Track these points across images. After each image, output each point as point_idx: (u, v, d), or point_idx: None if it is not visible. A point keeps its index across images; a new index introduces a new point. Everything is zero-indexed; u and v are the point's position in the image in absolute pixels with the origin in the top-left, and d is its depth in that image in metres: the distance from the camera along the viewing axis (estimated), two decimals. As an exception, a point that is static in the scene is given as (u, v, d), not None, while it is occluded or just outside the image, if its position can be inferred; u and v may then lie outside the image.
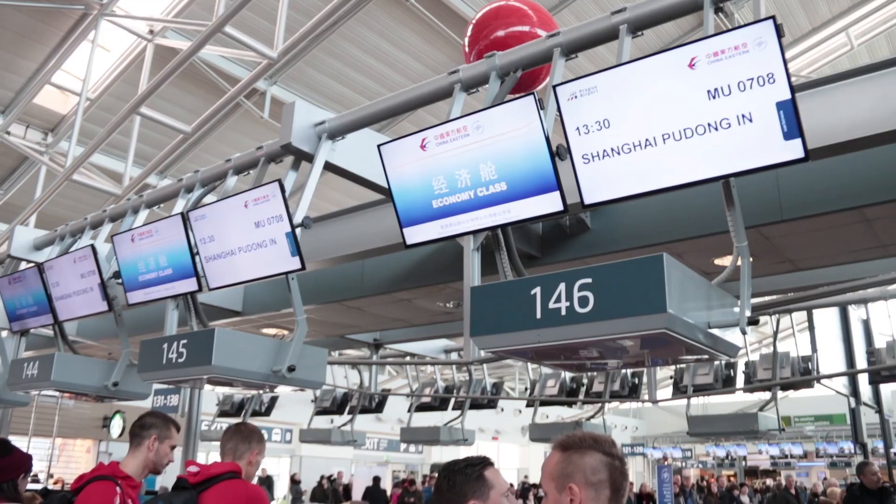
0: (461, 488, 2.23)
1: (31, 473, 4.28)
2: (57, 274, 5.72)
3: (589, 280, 2.57)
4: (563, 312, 2.57)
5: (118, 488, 3.38)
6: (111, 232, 5.55)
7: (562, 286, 2.60)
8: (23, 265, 6.64)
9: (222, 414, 14.20)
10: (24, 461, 4.56)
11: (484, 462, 2.30)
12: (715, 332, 2.78)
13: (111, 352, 9.09)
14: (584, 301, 2.55)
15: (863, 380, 12.81)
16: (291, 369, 3.93)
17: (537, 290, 2.65)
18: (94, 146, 9.12)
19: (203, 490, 3.15)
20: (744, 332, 2.87)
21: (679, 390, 9.19)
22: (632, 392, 9.44)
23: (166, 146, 9.47)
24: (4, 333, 6.78)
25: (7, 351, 6.63)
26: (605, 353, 3.15)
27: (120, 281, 5.09)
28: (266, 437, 3.52)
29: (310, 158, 4.09)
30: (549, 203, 2.98)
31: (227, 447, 3.42)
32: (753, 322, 2.86)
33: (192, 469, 3.24)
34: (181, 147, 9.90)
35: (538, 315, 2.62)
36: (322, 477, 19.73)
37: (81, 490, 3.40)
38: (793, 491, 16.06)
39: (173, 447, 3.63)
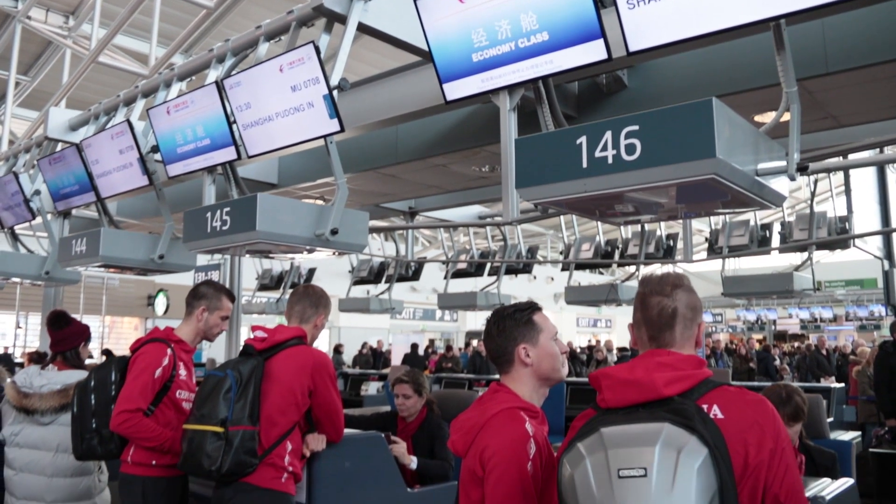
0: (511, 332, 2.28)
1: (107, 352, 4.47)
2: (96, 152, 5.77)
3: (636, 127, 2.54)
4: (610, 161, 2.55)
5: (170, 350, 3.49)
6: (145, 107, 5.54)
7: (608, 134, 2.57)
8: (59, 147, 6.69)
9: (262, 288, 14.56)
10: (83, 331, 4.75)
11: (532, 307, 2.34)
12: (762, 179, 2.75)
13: (152, 230, 9.26)
14: (631, 149, 2.52)
15: (898, 243, 12.78)
16: (334, 232, 3.97)
17: (583, 140, 2.62)
18: (117, 27, 8.98)
19: (269, 356, 3.25)
20: (792, 179, 2.84)
21: (714, 251, 9.20)
22: (667, 254, 9.46)
23: (189, 24, 9.30)
24: (50, 216, 6.92)
25: (54, 232, 6.80)
26: (646, 206, 3.15)
27: (159, 158, 5.11)
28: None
29: (343, 20, 4.00)
30: (593, 52, 2.91)
31: (294, 310, 3.45)
32: (802, 168, 2.82)
33: (259, 335, 3.30)
34: (204, 23, 9.73)
35: (584, 164, 2.60)
36: (363, 345, 20.33)
37: (137, 350, 3.53)
38: (824, 351, 16.25)
39: (225, 318, 3.70)
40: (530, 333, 2.28)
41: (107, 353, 3.89)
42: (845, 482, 2.60)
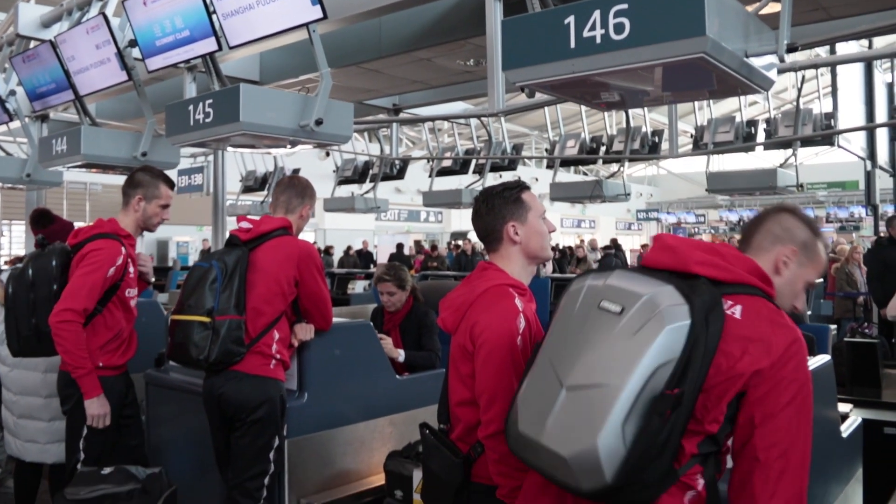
0: (500, 211, 2.29)
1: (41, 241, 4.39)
2: (71, 48, 5.61)
3: (625, 6, 2.49)
4: (598, 40, 2.52)
5: (123, 248, 3.43)
6: (120, 1, 5.37)
7: (596, 14, 2.52)
8: (32, 45, 6.50)
9: (247, 190, 14.48)
10: (67, 228, 4.75)
11: (521, 185, 2.35)
12: (751, 61, 2.73)
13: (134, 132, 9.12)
14: (619, 28, 2.49)
15: (881, 143, 12.79)
16: (319, 122, 3.93)
17: (571, 19, 2.57)
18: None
19: (254, 247, 3.24)
20: (781, 60, 2.82)
21: (699, 147, 9.19)
22: (652, 150, 9.45)
23: None
24: (27, 120, 6.79)
25: (32, 134, 6.69)
26: (633, 94, 3.13)
27: (138, 54, 4.98)
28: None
29: None
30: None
31: (279, 200, 3.43)
32: (792, 49, 2.80)
33: (244, 226, 3.29)
34: None
35: (572, 45, 2.57)
36: (349, 247, 20.43)
37: (83, 245, 3.42)
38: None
39: (165, 206, 3.59)
40: (519, 211, 2.29)
41: (42, 242, 3.69)
42: (822, 358, 2.68)
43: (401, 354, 4.26)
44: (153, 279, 3.60)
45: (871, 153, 12.28)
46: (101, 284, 3.31)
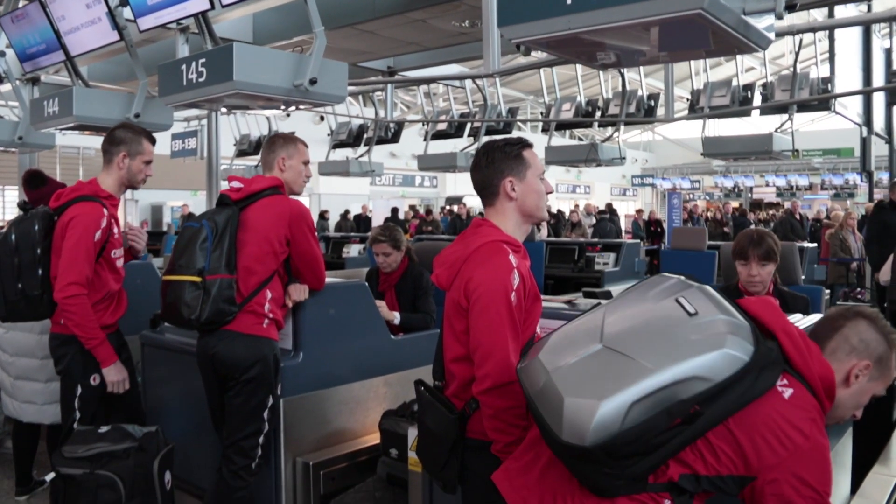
0: (499, 165, 2.28)
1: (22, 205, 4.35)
2: (61, 7, 5.55)
3: (622, -39, 2.45)
4: (596, -4, 2.49)
5: (105, 210, 3.39)
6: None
7: (594, -32, 2.49)
8: (21, 4, 6.42)
9: (241, 154, 14.40)
10: (59, 189, 4.71)
11: (523, 142, 2.33)
12: (749, 18, 2.70)
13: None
14: (617, -18, 2.45)
15: (877, 109, 12.78)
16: (313, 82, 3.89)
17: (568, -26, 2.54)
18: None
19: (245, 206, 3.22)
20: (780, 18, 2.79)
21: (695, 111, 9.16)
22: (648, 114, 9.41)
23: None
24: (18, 83, 6.72)
25: (24, 96, 6.63)
26: (628, 54, 3.10)
27: (129, 15, 4.91)
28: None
29: None
30: None
31: (268, 159, 3.38)
32: (791, 6, 2.77)
33: (235, 185, 3.26)
34: None
35: (568, 0, 2.54)
36: (346, 210, 20.45)
37: (66, 208, 3.39)
38: (797, 216, 16.51)
39: (148, 162, 3.54)
40: (518, 167, 2.28)
41: (23, 206, 3.69)
42: (816, 317, 2.69)
43: (396, 317, 4.27)
44: (143, 252, 3.57)
45: (868, 119, 12.28)
46: (94, 249, 3.30)
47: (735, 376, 1.58)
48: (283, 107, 4.57)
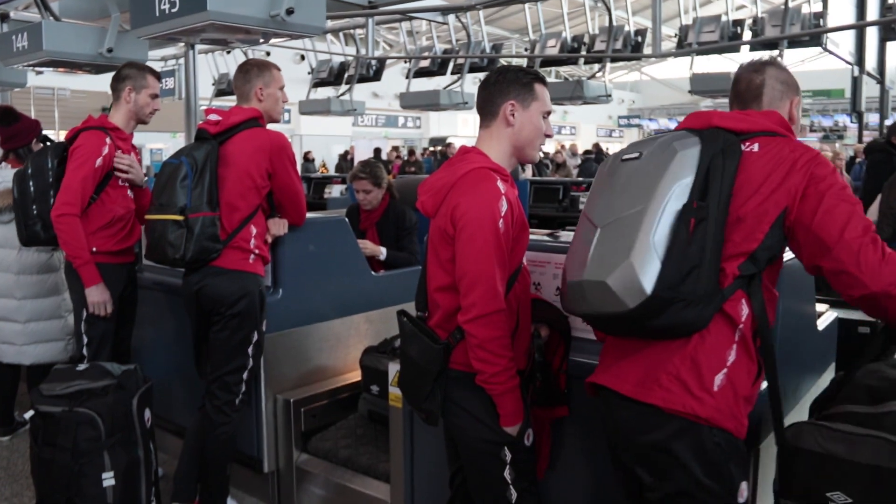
0: (507, 87, 2.22)
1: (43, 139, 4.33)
2: (28, -64, 5.34)
3: None
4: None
5: (108, 138, 3.43)
6: None
7: None
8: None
9: (220, 93, 14.14)
10: (34, 126, 4.60)
11: (538, 75, 2.28)
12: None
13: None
14: None
15: (870, 48, 12.58)
16: (290, 12, 3.74)
17: None
18: None
19: (224, 140, 3.14)
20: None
21: (683, 47, 9.02)
22: (635, 49, 9.25)
23: None
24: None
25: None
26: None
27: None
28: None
29: None
30: None
31: (243, 90, 3.28)
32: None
33: (213, 118, 3.18)
34: None
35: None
36: (346, 151, 20.46)
37: (74, 140, 3.47)
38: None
39: (154, 96, 3.57)
40: (524, 95, 2.22)
41: (44, 139, 3.97)
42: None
43: (383, 252, 4.22)
44: (141, 183, 3.60)
45: (860, 58, 12.12)
46: (93, 175, 3.35)
47: (703, 160, 1.79)
48: (261, 39, 4.42)
